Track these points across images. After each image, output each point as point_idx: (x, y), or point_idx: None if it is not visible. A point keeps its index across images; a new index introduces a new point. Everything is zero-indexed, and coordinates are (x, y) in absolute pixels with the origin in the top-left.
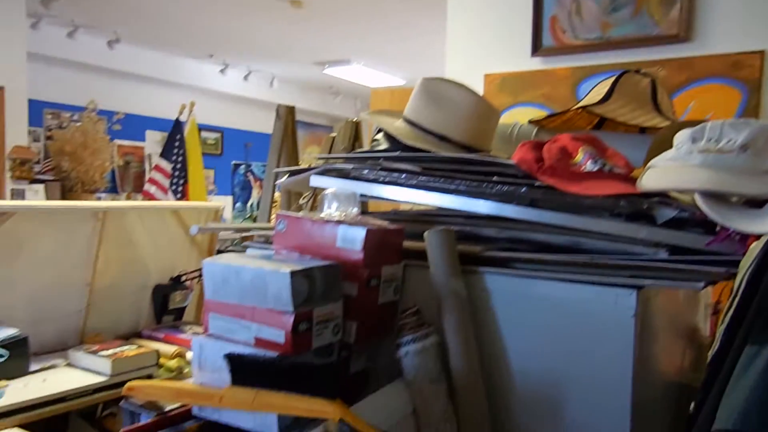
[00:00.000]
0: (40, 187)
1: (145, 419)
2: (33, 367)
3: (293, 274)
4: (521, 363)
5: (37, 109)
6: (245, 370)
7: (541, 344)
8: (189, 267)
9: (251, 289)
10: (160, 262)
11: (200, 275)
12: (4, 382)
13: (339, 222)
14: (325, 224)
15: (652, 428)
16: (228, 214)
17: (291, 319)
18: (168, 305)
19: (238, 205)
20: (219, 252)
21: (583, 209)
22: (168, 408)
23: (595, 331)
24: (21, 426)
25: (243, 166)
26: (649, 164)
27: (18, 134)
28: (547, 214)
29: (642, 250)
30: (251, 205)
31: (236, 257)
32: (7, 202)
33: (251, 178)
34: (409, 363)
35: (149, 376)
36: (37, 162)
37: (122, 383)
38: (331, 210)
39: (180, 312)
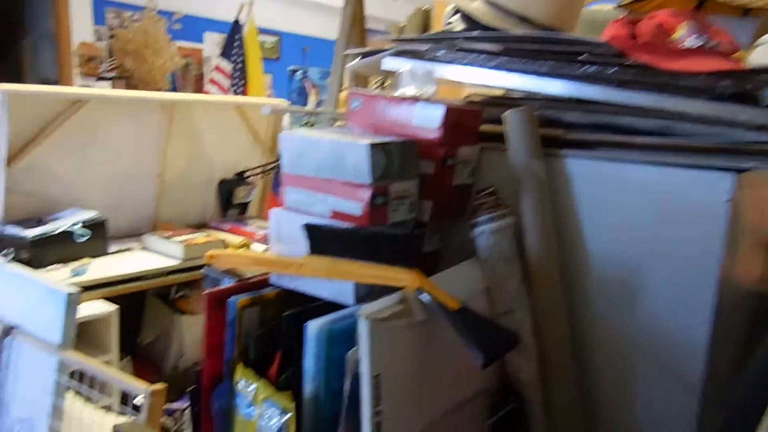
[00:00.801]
0: (107, 84)
1: (227, 283)
2: (111, 248)
3: (372, 146)
4: (600, 249)
5: (100, 8)
6: (323, 240)
7: (623, 230)
8: (252, 164)
9: (329, 161)
10: (224, 158)
11: (263, 172)
12: (87, 260)
13: (416, 100)
14: (402, 102)
15: (731, 330)
16: (285, 120)
17: (369, 191)
18: (232, 200)
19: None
20: None
21: (678, 90)
22: (247, 276)
23: (684, 218)
24: (105, 299)
25: (300, 72)
26: (759, 41)
27: (84, 32)
28: (637, 96)
29: (742, 135)
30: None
31: (313, 131)
32: (82, 90)
33: (308, 84)
34: (483, 242)
35: None
36: (103, 60)
37: (193, 267)
38: (406, 89)
39: (244, 207)
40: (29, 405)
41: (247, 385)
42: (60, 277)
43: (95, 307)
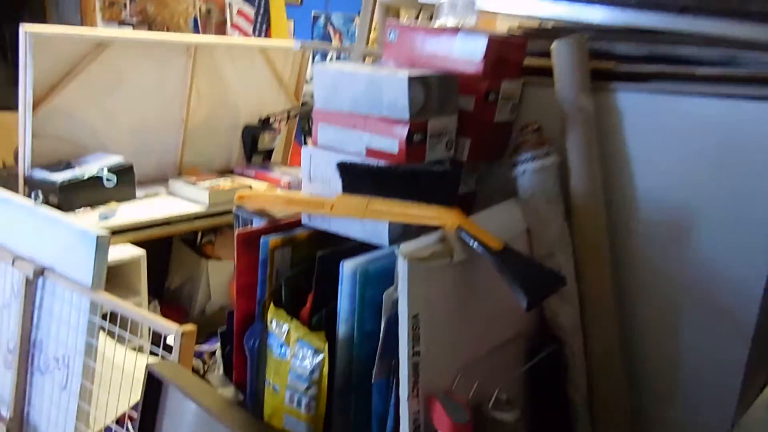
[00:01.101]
0: (129, 29)
1: (256, 226)
2: (138, 194)
3: (411, 80)
4: (650, 190)
5: None
6: (358, 178)
7: (677, 170)
8: (277, 110)
9: (365, 96)
10: (249, 103)
11: (288, 117)
12: (114, 204)
13: (457, 30)
14: (442, 33)
15: None
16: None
17: (406, 128)
18: (257, 146)
19: (317, 58)
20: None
21: (748, 15)
22: (278, 217)
23: (748, 157)
24: (132, 243)
25: (323, 17)
26: None
27: None
28: (700, 23)
29: None
30: (330, 59)
31: (348, 64)
32: (105, 31)
33: (331, 30)
34: (526, 182)
35: None
36: (125, 5)
37: (219, 213)
38: (445, 20)
39: (269, 153)
40: (64, 344)
41: (279, 326)
42: (88, 221)
43: (124, 251)
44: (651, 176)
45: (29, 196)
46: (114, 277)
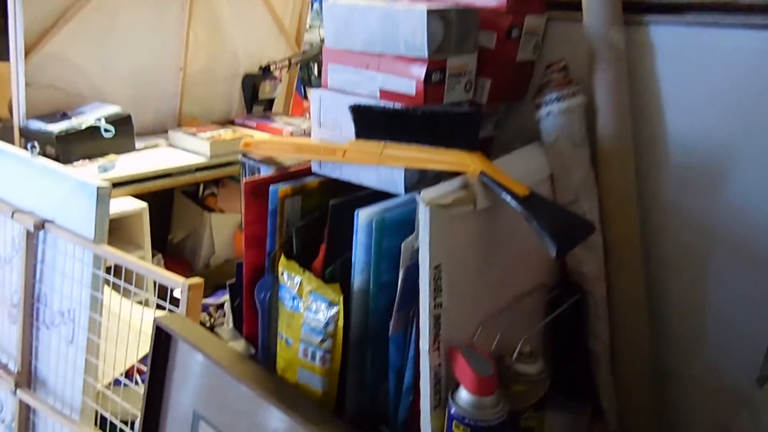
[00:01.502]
0: None
1: (265, 173)
2: (137, 145)
3: (430, 13)
4: (682, 131)
5: None
6: (372, 122)
7: (711, 110)
8: (277, 57)
9: (379, 33)
10: (249, 51)
11: (290, 65)
12: (113, 156)
13: None
14: None
15: None
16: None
17: (424, 66)
18: (258, 95)
19: (315, 5)
20: None
21: None
22: (287, 165)
23: None
24: (133, 196)
25: None
26: None
27: None
28: None
29: None
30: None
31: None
32: None
33: None
34: (550, 124)
35: None
36: None
37: (221, 165)
38: None
39: (270, 103)
40: (68, 298)
41: (291, 278)
42: (87, 173)
43: (125, 204)
44: (684, 118)
45: (26, 148)
46: (116, 231)
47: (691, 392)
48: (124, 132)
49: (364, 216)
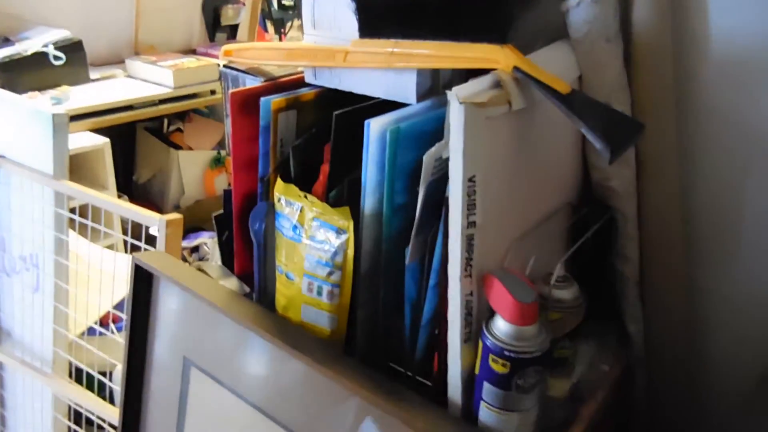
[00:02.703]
0: None
1: (251, 84)
2: (92, 75)
3: None
4: (728, 27)
5: None
6: (379, 15)
7: (762, 5)
8: None
9: None
10: None
11: None
12: (66, 87)
13: None
14: None
15: None
16: None
17: None
18: (220, 21)
19: None
20: None
21: None
22: (275, 75)
23: None
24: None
25: None
26: None
27: None
28: None
29: None
30: None
31: None
32: None
33: None
34: (580, 16)
35: (212, 92)
36: None
37: (186, 96)
38: None
39: (233, 30)
40: (30, 241)
41: (290, 204)
42: (40, 105)
43: (84, 140)
44: (730, 12)
45: None
46: (76, 170)
47: (723, 313)
48: (75, 60)
49: (375, 127)
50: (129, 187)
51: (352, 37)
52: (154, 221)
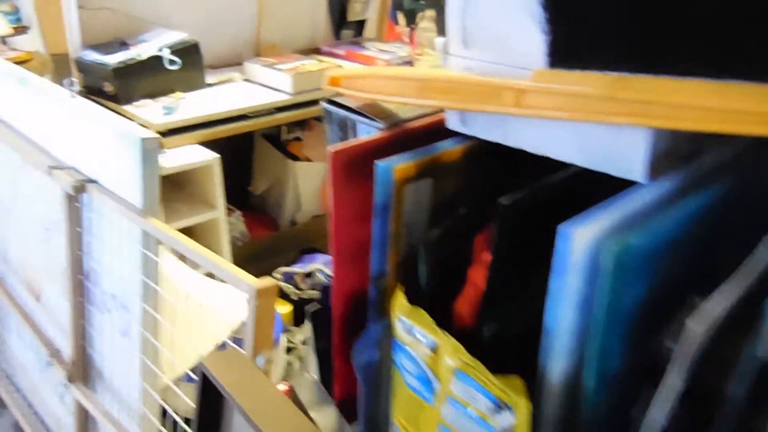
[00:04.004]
0: None
1: (366, 132)
2: (208, 79)
3: None
4: None
5: None
6: (594, 30)
7: None
8: None
9: None
10: None
11: None
12: (180, 94)
13: None
14: None
15: None
16: None
17: None
18: (346, 16)
19: None
20: None
21: None
22: (403, 117)
23: None
24: (202, 144)
25: None
26: None
27: None
28: None
29: None
30: None
31: None
32: None
33: None
34: None
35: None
36: None
37: (306, 103)
38: None
39: (360, 26)
40: (119, 279)
41: (416, 335)
42: (150, 114)
43: (194, 154)
44: None
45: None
46: (185, 185)
47: None
48: (192, 64)
49: (583, 240)
50: (244, 197)
51: (534, 66)
52: (243, 285)
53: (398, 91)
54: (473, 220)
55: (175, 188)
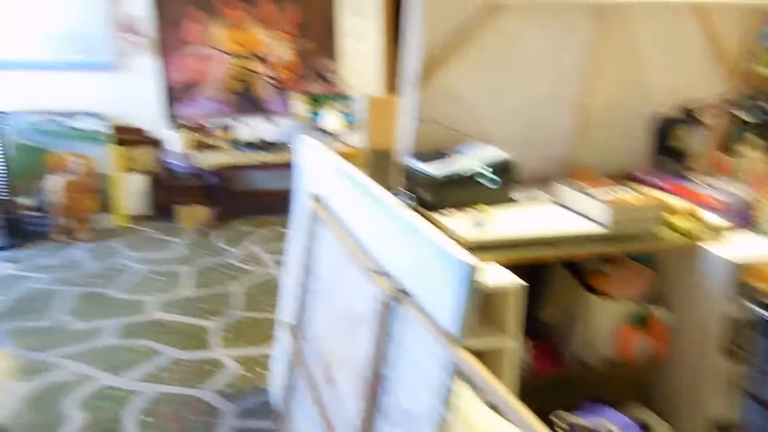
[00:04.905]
0: None
1: None
2: (513, 195)
3: None
4: None
5: None
6: None
7: None
8: (704, 94)
9: None
10: (666, 82)
11: (723, 107)
12: (487, 209)
13: None
14: None
15: None
16: None
17: None
18: (667, 142)
19: None
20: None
21: None
22: None
23: None
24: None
25: None
26: None
27: None
28: None
29: None
30: None
31: None
32: None
33: None
34: None
35: (653, 236)
36: None
37: (621, 237)
38: None
39: (681, 155)
40: (413, 399)
41: None
42: (458, 226)
43: (495, 276)
44: None
45: (397, 193)
46: (481, 303)
47: None
48: (504, 181)
49: None
50: (530, 320)
51: None
52: None
53: None
54: None
55: None
